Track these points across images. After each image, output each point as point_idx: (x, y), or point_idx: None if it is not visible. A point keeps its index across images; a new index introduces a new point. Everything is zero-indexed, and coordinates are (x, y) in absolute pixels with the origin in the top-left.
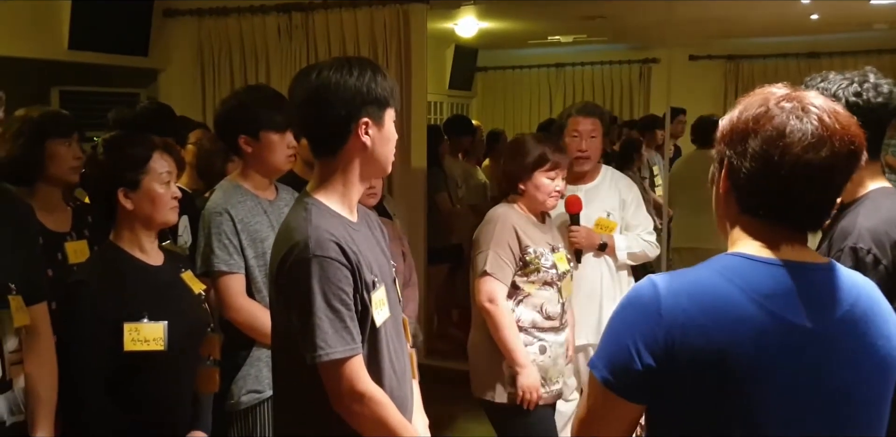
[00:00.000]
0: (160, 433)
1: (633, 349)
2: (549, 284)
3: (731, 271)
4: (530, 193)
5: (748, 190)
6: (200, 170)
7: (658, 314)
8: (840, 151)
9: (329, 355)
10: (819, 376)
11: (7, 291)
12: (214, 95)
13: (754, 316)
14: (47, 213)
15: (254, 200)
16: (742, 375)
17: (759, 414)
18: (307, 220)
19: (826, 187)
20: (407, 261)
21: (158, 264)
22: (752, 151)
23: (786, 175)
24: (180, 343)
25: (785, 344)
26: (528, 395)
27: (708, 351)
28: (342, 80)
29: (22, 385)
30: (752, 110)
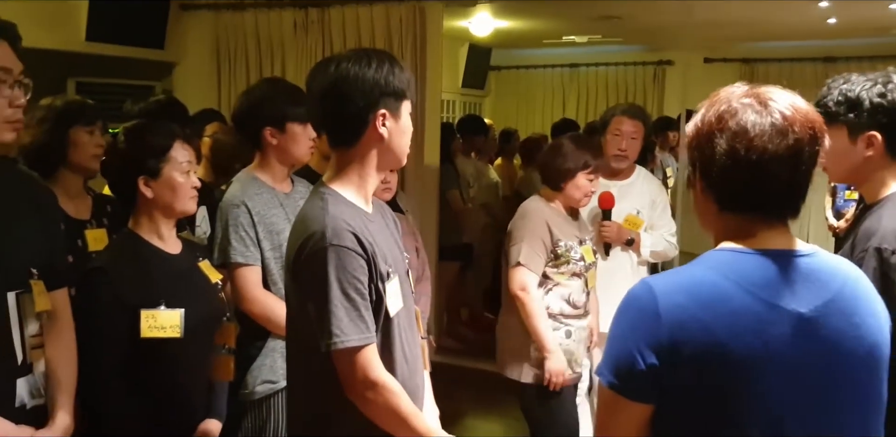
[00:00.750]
0: (176, 419)
1: (636, 351)
2: (577, 275)
3: (722, 265)
4: (569, 192)
5: (722, 187)
6: (215, 162)
7: (656, 314)
8: (802, 138)
9: (344, 342)
10: (817, 358)
11: (29, 275)
12: (230, 89)
13: (750, 306)
14: (69, 200)
15: (270, 192)
16: (745, 364)
17: (766, 400)
18: (324, 209)
19: (794, 173)
20: (420, 256)
21: (176, 252)
22: (720, 149)
23: (754, 167)
24: (196, 331)
25: (782, 331)
26: (555, 378)
27: (710, 345)
28: (361, 72)
29: (42, 369)
30: (714, 110)
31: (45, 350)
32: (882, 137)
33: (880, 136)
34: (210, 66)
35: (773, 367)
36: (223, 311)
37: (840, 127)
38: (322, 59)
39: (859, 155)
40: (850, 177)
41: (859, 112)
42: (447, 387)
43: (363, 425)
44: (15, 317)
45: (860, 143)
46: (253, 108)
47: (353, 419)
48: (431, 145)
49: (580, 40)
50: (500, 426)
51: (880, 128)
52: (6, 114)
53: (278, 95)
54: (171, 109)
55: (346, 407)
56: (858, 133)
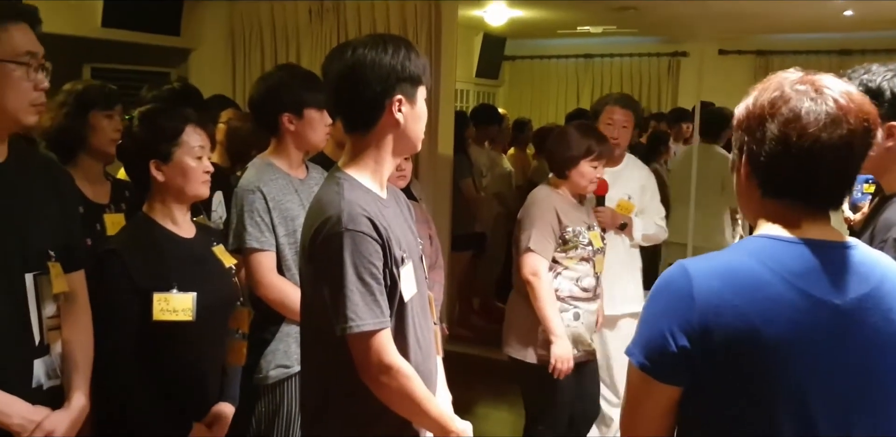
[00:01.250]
0: (189, 402)
1: (668, 333)
2: (586, 259)
3: (760, 252)
4: (574, 179)
5: (768, 173)
6: (230, 149)
7: (690, 297)
8: (856, 129)
9: (359, 326)
10: (849, 350)
11: (47, 257)
12: (244, 76)
13: (785, 294)
14: (88, 184)
15: (285, 178)
16: (777, 352)
17: (795, 390)
18: (340, 194)
19: (844, 165)
20: (434, 244)
21: (190, 236)
22: (771, 135)
23: (805, 155)
24: (209, 315)
25: (816, 321)
26: (560, 364)
27: (742, 330)
28: (377, 57)
29: (59, 351)
30: (768, 95)
31: (61, 332)
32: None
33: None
34: (225, 53)
35: (805, 356)
36: (236, 295)
37: None
38: (338, 45)
39: (880, 146)
40: (870, 168)
41: (880, 102)
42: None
43: (376, 410)
44: (33, 298)
45: (881, 133)
46: (271, 93)
47: (366, 404)
48: (445, 135)
49: (595, 31)
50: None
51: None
52: (31, 97)
53: (296, 81)
54: (187, 95)
55: (359, 393)
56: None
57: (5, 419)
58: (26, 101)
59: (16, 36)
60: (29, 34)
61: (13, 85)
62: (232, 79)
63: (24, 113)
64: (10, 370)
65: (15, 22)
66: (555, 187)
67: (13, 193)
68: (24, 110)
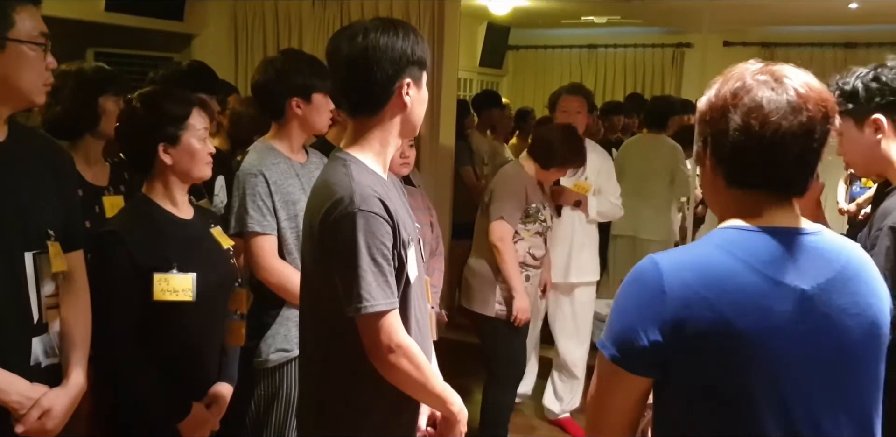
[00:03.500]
0: (187, 382)
1: (640, 327)
2: (539, 233)
3: (728, 243)
4: (548, 175)
5: (733, 163)
6: (234, 134)
7: (662, 291)
8: (815, 116)
9: (374, 306)
10: (818, 334)
11: (46, 236)
12: (247, 61)
13: (754, 283)
14: (88, 166)
15: (287, 162)
16: (749, 339)
17: (769, 376)
18: (348, 175)
19: (806, 151)
20: (434, 231)
21: (188, 218)
22: (734, 125)
23: (768, 143)
24: (208, 296)
25: (785, 307)
26: (521, 315)
27: (714, 321)
28: (390, 40)
29: (57, 329)
30: (729, 86)
31: (60, 311)
32: (887, 118)
33: (884, 117)
34: (228, 39)
35: (776, 342)
36: (235, 276)
37: (847, 119)
38: (346, 28)
39: (870, 141)
40: (871, 165)
41: (858, 99)
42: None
43: (378, 391)
44: (32, 277)
45: (867, 129)
46: (280, 78)
47: (368, 386)
48: (447, 124)
49: (599, 21)
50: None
51: (882, 109)
52: (45, 76)
53: (304, 65)
54: (199, 73)
55: (359, 376)
56: (863, 120)
57: (3, 396)
58: (40, 81)
59: (29, 17)
60: (38, 15)
61: (31, 66)
62: (234, 64)
63: (36, 93)
64: (9, 347)
65: (25, 3)
66: (526, 168)
67: (13, 172)
68: (37, 91)
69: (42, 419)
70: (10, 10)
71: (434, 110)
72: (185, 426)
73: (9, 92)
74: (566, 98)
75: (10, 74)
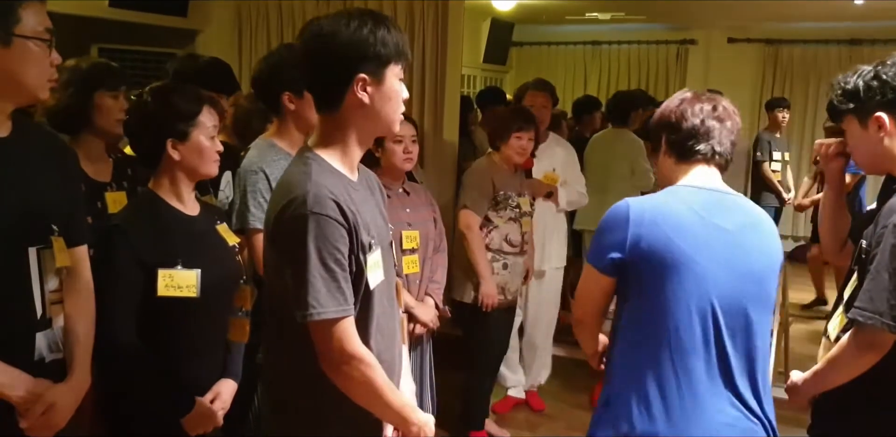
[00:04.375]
0: (191, 378)
1: (609, 244)
2: (513, 219)
3: (677, 193)
4: (505, 152)
5: (680, 147)
6: (238, 129)
7: (626, 220)
8: (724, 115)
9: (320, 314)
10: (733, 257)
11: (50, 231)
12: (251, 58)
13: (692, 219)
14: (90, 162)
15: (287, 159)
16: (685, 252)
17: (698, 278)
18: (307, 174)
19: (724, 138)
20: (437, 227)
21: (194, 214)
22: (678, 125)
23: (702, 134)
24: (213, 292)
25: (711, 236)
26: (487, 300)
27: (660, 239)
28: (337, 33)
29: (61, 324)
30: (674, 102)
31: (63, 306)
32: (889, 116)
33: (886, 115)
34: (231, 35)
35: (702, 258)
36: (240, 273)
37: (851, 119)
38: (309, 22)
39: (874, 139)
40: (877, 163)
41: (859, 98)
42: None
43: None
44: (35, 272)
45: (871, 127)
46: (273, 72)
47: (329, 394)
48: (451, 120)
49: (603, 17)
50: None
51: (883, 107)
52: (49, 72)
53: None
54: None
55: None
56: (866, 118)
57: (7, 391)
58: (45, 77)
59: (35, 13)
60: (43, 11)
61: (36, 61)
62: (238, 60)
63: (41, 89)
64: (13, 342)
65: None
66: (493, 158)
67: (16, 167)
68: (41, 86)
69: (46, 415)
70: (17, 5)
71: (437, 106)
72: (189, 421)
73: (13, 87)
74: (532, 93)
75: (15, 69)
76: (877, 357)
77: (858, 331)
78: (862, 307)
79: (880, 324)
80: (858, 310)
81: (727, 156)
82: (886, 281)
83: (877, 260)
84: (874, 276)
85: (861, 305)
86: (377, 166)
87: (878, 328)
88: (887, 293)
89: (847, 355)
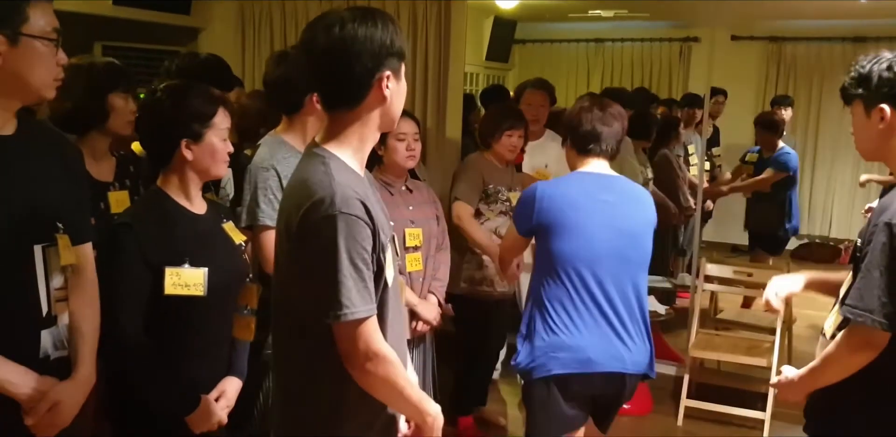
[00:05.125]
0: (196, 377)
1: (525, 215)
2: (504, 213)
3: (573, 177)
4: (497, 149)
5: (579, 142)
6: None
7: (534, 197)
8: (611, 122)
9: (354, 314)
10: (615, 224)
11: (55, 229)
12: (254, 56)
13: (580, 194)
14: (94, 162)
15: (297, 156)
16: (577, 220)
17: (584, 241)
18: (328, 175)
19: (610, 138)
20: (440, 225)
21: (202, 212)
22: (577, 129)
23: (593, 136)
24: (219, 290)
25: (597, 207)
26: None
27: (557, 210)
28: (369, 32)
29: (66, 322)
30: (575, 110)
31: (68, 303)
32: (892, 109)
33: (889, 108)
34: (235, 34)
35: (590, 225)
36: (246, 272)
37: (858, 103)
38: (321, 18)
39: (874, 129)
40: (873, 152)
41: (868, 86)
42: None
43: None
44: (41, 270)
45: (874, 117)
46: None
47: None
48: (453, 118)
49: (606, 15)
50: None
51: (888, 100)
52: (55, 72)
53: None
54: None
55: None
56: (871, 107)
57: (13, 388)
58: (51, 76)
59: (43, 13)
60: (51, 11)
61: (43, 61)
62: (241, 58)
63: (47, 88)
64: (18, 340)
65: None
66: (484, 155)
67: (22, 165)
68: (48, 86)
69: (51, 412)
70: (25, 5)
71: (440, 104)
72: (194, 419)
73: (20, 86)
74: (531, 92)
75: (22, 68)
76: (871, 356)
77: (852, 329)
78: (852, 305)
79: (870, 322)
80: (849, 308)
81: (612, 151)
82: (877, 279)
83: (868, 258)
84: (865, 274)
85: (852, 302)
86: (380, 164)
87: (870, 327)
88: (878, 291)
89: (840, 353)
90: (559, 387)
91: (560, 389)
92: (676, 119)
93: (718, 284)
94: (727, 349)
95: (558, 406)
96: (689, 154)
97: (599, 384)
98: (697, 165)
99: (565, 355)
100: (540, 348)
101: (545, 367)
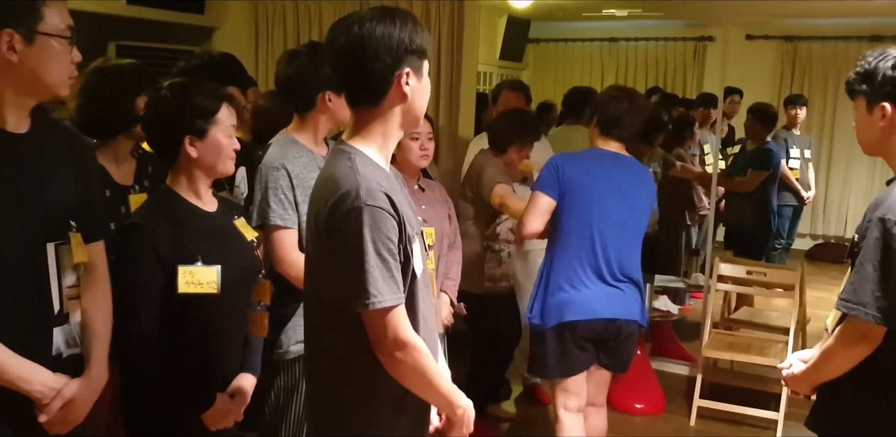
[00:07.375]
0: (210, 374)
1: (549, 182)
2: None
3: (592, 152)
4: (509, 157)
5: (605, 124)
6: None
7: (556, 167)
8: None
9: (381, 302)
10: (624, 197)
11: (67, 227)
12: (268, 55)
13: (597, 164)
14: (116, 165)
15: (308, 155)
16: (592, 192)
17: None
18: (353, 169)
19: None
20: (452, 224)
21: (212, 210)
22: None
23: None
24: (232, 288)
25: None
26: None
27: (577, 181)
28: (387, 30)
29: (78, 319)
30: (606, 95)
31: (80, 301)
32: (892, 108)
33: (890, 106)
34: (248, 33)
35: (603, 197)
36: (258, 268)
37: (860, 99)
38: (343, 18)
39: (875, 125)
40: (874, 148)
41: (872, 83)
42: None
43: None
44: (53, 268)
45: (875, 113)
46: (306, 72)
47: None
48: (466, 117)
49: (620, 14)
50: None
51: (889, 98)
52: (70, 70)
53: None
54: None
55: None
56: (874, 104)
57: (26, 385)
58: (66, 74)
59: (58, 11)
60: (65, 9)
61: (58, 59)
62: (255, 57)
63: (62, 86)
64: (31, 337)
65: None
66: (493, 154)
67: (35, 163)
68: (62, 84)
69: (64, 409)
70: (40, 3)
71: (453, 104)
72: (209, 416)
73: (35, 85)
74: (507, 93)
75: (37, 67)
76: (868, 350)
77: (848, 323)
78: (846, 299)
79: (864, 315)
80: (843, 301)
81: (631, 137)
82: (870, 273)
83: (862, 252)
84: (859, 268)
85: (845, 296)
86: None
87: (864, 320)
88: (871, 285)
89: (837, 346)
90: (570, 332)
91: (570, 333)
92: (691, 118)
93: (732, 284)
94: (740, 349)
95: (570, 349)
96: (705, 153)
97: (601, 328)
98: (712, 165)
99: (574, 307)
100: (552, 302)
101: (559, 315)
